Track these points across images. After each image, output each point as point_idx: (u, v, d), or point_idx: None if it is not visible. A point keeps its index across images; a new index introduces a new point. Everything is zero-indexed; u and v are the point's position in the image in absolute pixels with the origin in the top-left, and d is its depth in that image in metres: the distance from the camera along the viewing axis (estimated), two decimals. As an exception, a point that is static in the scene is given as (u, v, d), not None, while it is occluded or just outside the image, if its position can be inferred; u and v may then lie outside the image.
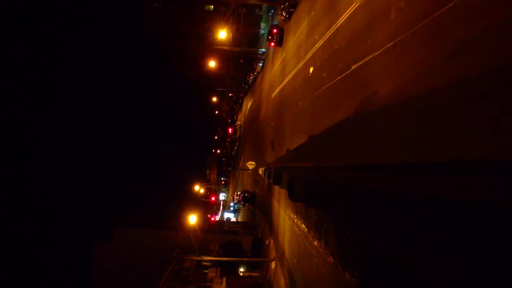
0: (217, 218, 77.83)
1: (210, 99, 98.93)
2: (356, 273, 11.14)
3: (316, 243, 15.79)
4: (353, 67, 13.38)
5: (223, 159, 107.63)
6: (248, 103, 63.69)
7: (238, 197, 52.39)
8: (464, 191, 6.24)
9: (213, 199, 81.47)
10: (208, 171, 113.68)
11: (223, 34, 46.64)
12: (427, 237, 7.23)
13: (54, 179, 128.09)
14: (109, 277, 38.67)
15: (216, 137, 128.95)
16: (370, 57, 11.93)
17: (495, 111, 6.29)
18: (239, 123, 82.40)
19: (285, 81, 27.46)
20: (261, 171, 34.65)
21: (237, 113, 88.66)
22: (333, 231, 13.55)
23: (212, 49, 53.56)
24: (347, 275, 11.76)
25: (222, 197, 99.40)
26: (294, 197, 19.66)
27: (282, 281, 23.50)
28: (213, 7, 68.93)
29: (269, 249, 30.27)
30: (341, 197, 12.48)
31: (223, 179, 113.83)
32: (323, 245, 14.64)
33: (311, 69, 19.93)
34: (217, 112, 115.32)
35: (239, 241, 36.38)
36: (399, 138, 9.41)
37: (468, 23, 7.28)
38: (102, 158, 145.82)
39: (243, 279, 33.19)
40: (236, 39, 53.04)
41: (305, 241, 17.85)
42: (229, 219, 69.68)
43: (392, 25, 10.61)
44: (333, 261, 13.24)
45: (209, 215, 74.11)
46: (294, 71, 24.60)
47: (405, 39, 9.78)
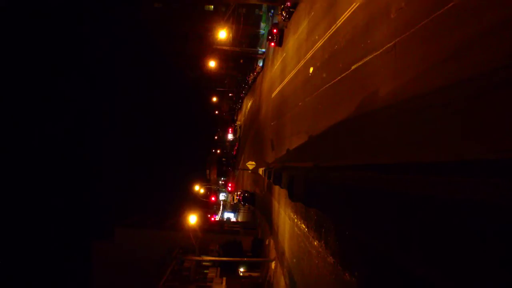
0: (217, 218, 77.80)
1: (210, 99, 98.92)
2: (356, 273, 11.15)
3: (316, 243, 15.79)
4: (353, 67, 13.38)
5: (223, 159, 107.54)
6: (248, 103, 63.67)
7: (238, 197, 52.39)
8: (464, 191, 6.24)
9: (213, 199, 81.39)
10: (208, 171, 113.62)
11: (223, 34, 46.64)
12: (426, 237, 7.24)
13: (54, 179, 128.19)
14: (109, 277, 38.72)
15: (216, 137, 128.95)
16: (370, 57, 11.93)
17: (495, 111, 6.28)
18: (239, 123, 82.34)
19: (285, 81, 27.46)
20: (261, 171, 34.65)
21: (237, 113, 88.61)
22: (333, 231, 13.55)
23: (212, 49, 53.55)
24: (347, 275, 11.76)
25: (222, 197, 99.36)
26: (294, 197, 19.68)
27: (282, 281, 23.50)
28: (213, 7, 68.90)
29: (269, 249, 30.27)
30: (341, 197, 12.49)
31: (223, 179, 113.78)
32: (323, 245, 14.64)
33: (311, 69, 19.92)
34: (217, 112, 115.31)
35: (239, 241, 36.40)
36: (399, 138, 9.41)
37: (468, 23, 7.28)
38: (102, 158, 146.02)
39: (243, 279, 33.19)
40: (236, 39, 53.04)
41: (305, 241, 17.85)
42: (229, 219, 69.71)
43: (392, 25, 10.61)
44: (333, 261, 13.24)
45: (209, 215, 74.10)
46: (294, 71, 24.59)
47: (405, 39, 9.78)
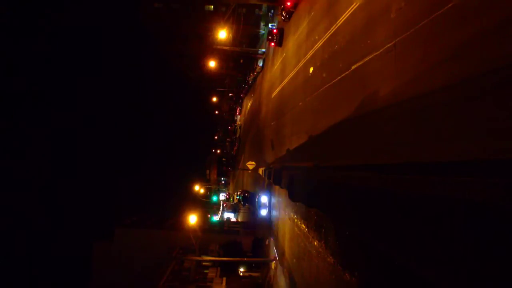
0: (217, 218, 77.73)
1: (210, 99, 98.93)
2: (356, 273, 11.15)
3: (316, 243, 15.79)
4: (353, 67, 13.37)
5: (223, 159, 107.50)
6: (248, 103, 63.66)
7: (238, 197, 52.36)
8: (464, 191, 6.24)
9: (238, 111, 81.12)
10: (208, 171, 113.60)
11: (223, 34, 46.63)
12: (426, 237, 7.24)
13: (54, 179, 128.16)
14: (109, 277, 38.69)
15: (216, 137, 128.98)
16: (370, 57, 11.93)
17: (495, 111, 6.29)
18: (239, 123, 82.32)
19: (285, 81, 27.45)
20: (261, 171, 34.66)
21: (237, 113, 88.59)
22: (333, 231, 13.56)
23: (212, 49, 53.52)
24: (347, 275, 11.77)
25: (222, 197, 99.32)
26: (294, 197, 19.68)
27: (282, 281, 23.50)
28: (213, 7, 68.91)
29: (269, 249, 30.28)
30: (341, 197, 12.49)
31: (223, 179, 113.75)
32: (323, 245, 14.64)
33: (311, 69, 19.92)
34: (217, 112, 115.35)
35: (239, 241, 36.40)
36: (399, 138, 9.41)
37: (468, 23, 7.27)
38: (102, 158, 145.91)
39: (243, 279, 33.18)
40: (236, 39, 52.98)
41: (305, 241, 17.85)
42: (229, 219, 69.64)
43: (392, 25, 10.61)
44: (333, 261, 13.24)
45: (209, 215, 74.07)
46: (294, 71, 24.59)
47: (405, 39, 9.78)
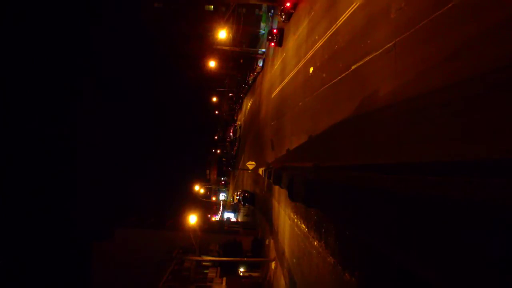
0: (217, 218, 77.82)
1: (210, 99, 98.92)
2: (356, 273, 11.15)
3: (316, 243, 15.79)
4: (353, 67, 13.38)
5: (223, 159, 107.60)
6: (248, 103, 63.66)
7: (238, 197, 52.40)
8: (464, 191, 6.24)
9: (214, 199, 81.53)
10: (208, 171, 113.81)
11: (223, 34, 46.63)
12: (426, 237, 7.24)
13: (54, 179, 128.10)
14: (109, 277, 38.70)
15: (216, 137, 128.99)
16: (370, 57, 11.93)
17: (495, 111, 6.29)
18: (239, 123, 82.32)
19: (285, 81, 27.46)
20: (261, 171, 34.66)
21: (237, 113, 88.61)
22: (333, 231, 13.56)
23: (212, 49, 53.53)
24: (347, 275, 11.76)
25: (222, 197, 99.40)
26: (294, 197, 19.67)
27: (282, 281, 23.50)
28: (213, 7, 68.94)
29: (269, 249, 30.27)
30: (341, 197, 12.49)
31: (223, 179, 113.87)
32: (323, 245, 14.64)
33: (311, 69, 19.93)
34: (217, 112, 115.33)
35: (239, 241, 36.38)
36: (399, 138, 9.41)
37: (468, 23, 7.28)
38: (102, 158, 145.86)
39: (243, 279, 33.17)
40: (236, 39, 52.99)
41: (305, 241, 17.85)
42: (229, 219, 69.68)
43: (392, 25, 10.61)
44: (333, 261, 13.24)
45: (209, 215, 74.14)
46: (294, 71, 24.59)
47: (405, 39, 9.78)
